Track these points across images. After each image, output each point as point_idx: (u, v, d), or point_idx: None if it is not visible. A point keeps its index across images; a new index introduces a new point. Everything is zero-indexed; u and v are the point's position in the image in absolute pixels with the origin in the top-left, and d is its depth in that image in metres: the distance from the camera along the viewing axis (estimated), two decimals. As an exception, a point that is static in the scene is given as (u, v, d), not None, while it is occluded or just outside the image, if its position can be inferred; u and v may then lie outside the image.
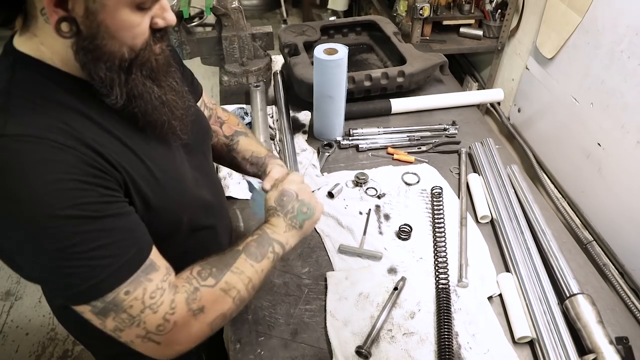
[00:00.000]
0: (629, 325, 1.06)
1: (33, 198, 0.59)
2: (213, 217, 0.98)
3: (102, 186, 0.65)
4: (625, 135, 1.46)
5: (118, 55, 0.66)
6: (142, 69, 0.70)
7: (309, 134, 1.57)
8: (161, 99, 0.74)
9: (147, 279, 0.68)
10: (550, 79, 1.82)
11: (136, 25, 0.65)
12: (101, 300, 0.65)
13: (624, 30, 1.44)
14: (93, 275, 0.63)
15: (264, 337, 1.02)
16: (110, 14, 0.62)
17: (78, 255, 0.62)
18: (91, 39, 0.63)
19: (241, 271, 0.79)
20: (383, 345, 1.00)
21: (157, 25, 0.69)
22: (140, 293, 0.67)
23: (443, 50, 2.09)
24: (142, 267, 0.68)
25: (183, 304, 0.71)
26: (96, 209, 0.64)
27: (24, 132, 0.60)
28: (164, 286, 0.70)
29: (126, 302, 0.66)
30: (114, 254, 0.65)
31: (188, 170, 0.87)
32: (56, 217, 0.60)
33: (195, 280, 0.74)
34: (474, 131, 1.61)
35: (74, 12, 0.60)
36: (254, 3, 4.62)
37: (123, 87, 0.68)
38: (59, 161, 0.61)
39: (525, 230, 1.20)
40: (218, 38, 1.73)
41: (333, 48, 1.36)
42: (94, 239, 0.63)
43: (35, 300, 2.30)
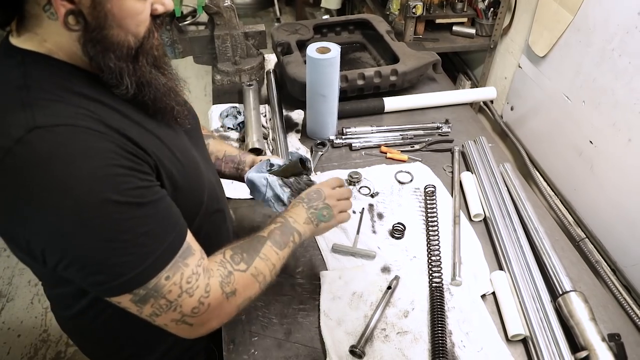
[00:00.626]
0: (621, 322, 1.07)
1: (80, 187, 0.59)
2: (219, 201, 0.99)
3: (139, 171, 0.66)
4: (616, 133, 1.47)
5: (125, 44, 0.67)
6: (147, 57, 0.72)
7: (302, 133, 1.57)
8: (167, 85, 0.77)
9: (184, 264, 0.70)
10: (543, 77, 1.83)
11: (140, 12, 0.67)
12: (144, 287, 0.66)
13: (614, 28, 1.45)
14: (140, 263, 0.65)
15: (257, 337, 1.02)
16: (117, 3, 0.63)
17: (126, 243, 0.63)
18: (99, 29, 0.64)
19: (267, 258, 0.83)
20: (377, 344, 1.00)
21: (157, 12, 0.70)
22: (179, 278, 0.69)
23: (436, 48, 2.09)
24: (180, 251, 0.70)
25: (217, 286, 0.74)
26: (138, 194, 0.64)
27: (56, 122, 0.61)
28: (199, 271, 0.72)
29: (166, 288, 0.68)
30: (157, 240, 0.67)
31: (195, 152, 0.89)
32: (103, 205, 0.60)
33: (229, 264, 0.78)
34: (467, 129, 1.61)
35: (81, 4, 0.61)
36: (247, 1, 4.61)
37: (132, 76, 0.70)
38: (97, 148, 0.62)
39: (518, 228, 1.21)
40: (210, 37, 1.72)
41: (326, 47, 1.36)
42: (139, 225, 0.64)
43: (27, 301, 2.28)
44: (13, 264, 2.44)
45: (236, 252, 0.81)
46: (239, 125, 1.57)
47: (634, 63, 1.38)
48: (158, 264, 0.67)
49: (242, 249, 0.82)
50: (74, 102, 0.64)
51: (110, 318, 0.88)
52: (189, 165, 0.81)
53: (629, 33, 1.40)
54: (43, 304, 2.27)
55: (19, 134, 0.59)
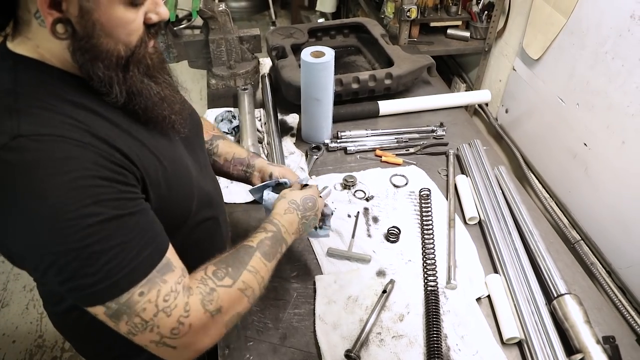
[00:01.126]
0: (616, 325, 1.07)
1: (56, 196, 0.59)
2: (215, 208, 0.98)
3: (122, 182, 0.65)
4: (610, 135, 1.48)
5: (115, 53, 0.66)
6: (138, 67, 0.71)
7: (297, 137, 1.57)
8: (160, 94, 0.75)
9: (162, 280, 0.67)
10: (537, 79, 1.84)
11: (131, 21, 0.66)
12: (115, 302, 0.63)
13: (607, 31, 1.45)
14: (110, 275, 0.62)
15: (253, 342, 1.02)
16: (105, 12, 0.62)
17: (97, 254, 0.61)
18: (87, 38, 0.63)
19: (257, 270, 0.78)
20: (372, 348, 0.99)
21: (151, 21, 0.69)
22: (154, 295, 0.65)
23: (431, 51, 2.10)
24: (158, 266, 0.67)
25: (198, 305, 0.69)
26: (116, 205, 0.63)
27: (40, 131, 0.60)
28: (177, 288, 0.68)
29: (139, 305, 0.64)
30: (131, 253, 0.64)
31: (190, 162, 0.88)
32: (78, 215, 0.60)
33: (211, 280, 0.73)
34: (462, 132, 1.61)
35: (69, 13, 0.61)
36: (242, 5, 4.61)
37: (122, 85, 0.69)
38: (79, 158, 0.61)
39: (513, 231, 1.21)
40: (205, 41, 1.72)
41: (320, 51, 1.36)
42: (113, 237, 0.63)
43: (22, 307, 2.27)
44: (8, 270, 2.43)
45: (220, 266, 0.75)
46: (234, 129, 1.56)
47: (627, 66, 1.39)
48: (131, 278, 0.64)
49: (226, 262, 0.77)
50: (62, 110, 0.64)
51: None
52: (177, 175, 0.80)
53: (621, 36, 1.40)
54: (38, 309, 2.26)
55: (3, 140, 0.59)
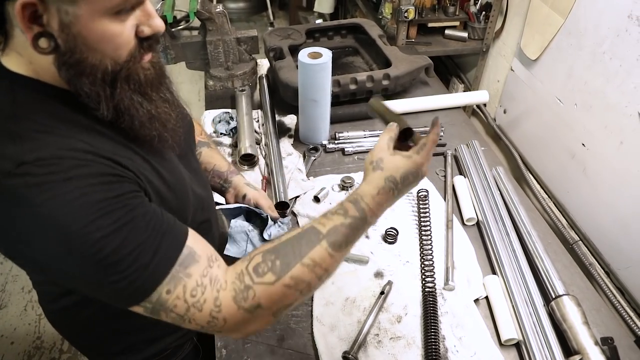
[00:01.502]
0: (614, 326, 1.07)
1: (67, 217, 0.59)
2: (207, 211, 0.98)
3: (126, 191, 0.65)
4: (608, 135, 1.48)
5: (101, 68, 0.63)
6: (128, 83, 0.66)
7: (295, 138, 1.57)
8: (150, 113, 0.70)
9: (185, 274, 0.65)
10: (535, 80, 1.84)
11: (117, 35, 0.61)
12: (148, 301, 0.64)
13: (605, 31, 1.45)
14: (135, 278, 0.63)
15: (250, 343, 1.01)
16: (86, 25, 0.58)
17: (117, 262, 0.62)
18: (70, 53, 0.60)
19: (316, 264, 0.69)
20: (370, 350, 0.99)
21: (143, 34, 0.65)
22: (181, 291, 0.65)
23: (428, 52, 2.10)
24: (179, 259, 0.66)
25: (230, 301, 0.67)
26: (125, 212, 0.63)
27: (43, 155, 0.60)
28: (204, 282, 0.66)
29: (170, 302, 0.64)
30: (149, 253, 0.64)
31: (183, 169, 0.87)
32: (90, 231, 0.60)
33: (249, 277, 0.68)
34: (460, 133, 1.61)
35: (50, 27, 0.58)
36: (240, 6, 4.61)
37: (109, 102, 0.66)
38: (84, 175, 0.61)
39: (511, 232, 1.21)
40: (203, 42, 1.71)
41: (317, 52, 1.36)
42: (128, 242, 0.62)
43: (20, 308, 2.27)
44: (6, 271, 2.43)
45: (266, 258, 0.69)
46: (232, 130, 1.56)
47: (625, 66, 1.39)
48: (155, 277, 0.64)
49: (277, 252, 0.69)
50: (62, 132, 0.63)
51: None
52: (176, 188, 0.79)
53: (619, 36, 1.41)
54: (36, 310, 2.26)
55: (8, 168, 0.58)
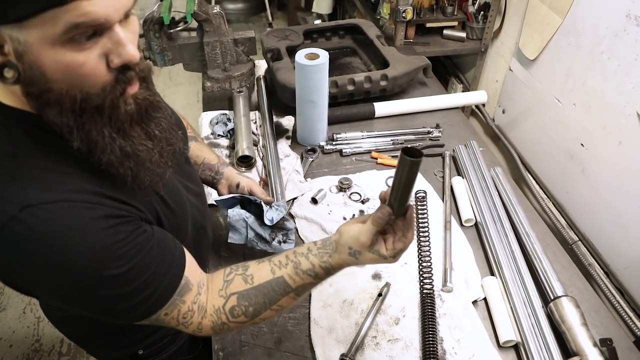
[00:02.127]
0: (613, 327, 1.06)
1: (79, 263, 0.61)
2: (203, 219, 0.98)
3: (132, 231, 0.67)
4: (607, 135, 1.47)
5: (68, 99, 0.58)
6: (102, 115, 0.61)
7: (293, 139, 1.56)
8: (124, 150, 0.64)
9: (181, 301, 0.73)
10: (534, 80, 1.83)
11: (79, 65, 0.55)
12: (148, 320, 0.72)
13: (603, 31, 1.45)
14: (139, 307, 0.69)
15: (247, 346, 1.01)
16: (40, 55, 0.53)
17: (125, 297, 0.67)
18: (30, 83, 0.56)
19: (282, 307, 0.79)
20: (368, 352, 0.99)
21: (113, 64, 0.58)
22: (176, 314, 0.73)
23: (427, 52, 2.09)
24: (177, 289, 0.72)
25: (209, 329, 0.78)
26: (133, 253, 0.66)
27: (49, 198, 0.59)
28: (193, 308, 0.75)
29: (165, 321, 0.74)
30: (155, 285, 0.69)
31: (179, 182, 0.87)
32: (103, 276, 0.63)
33: (225, 316, 0.77)
34: (458, 134, 1.61)
35: (10, 56, 0.54)
36: (239, 7, 4.60)
37: (80, 132, 0.61)
38: (92, 219, 0.62)
39: (509, 233, 1.20)
40: (200, 44, 1.71)
41: (314, 53, 1.35)
42: (136, 279, 0.67)
43: (19, 311, 2.26)
44: (5, 274, 2.42)
45: (241, 303, 0.77)
46: (229, 132, 1.56)
47: (623, 66, 1.39)
48: (156, 305, 0.71)
49: (249, 300, 0.77)
50: (63, 168, 0.62)
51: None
52: (176, 208, 0.81)
53: (617, 36, 1.40)
54: (35, 313, 2.25)
55: (12, 211, 0.57)
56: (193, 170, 1.01)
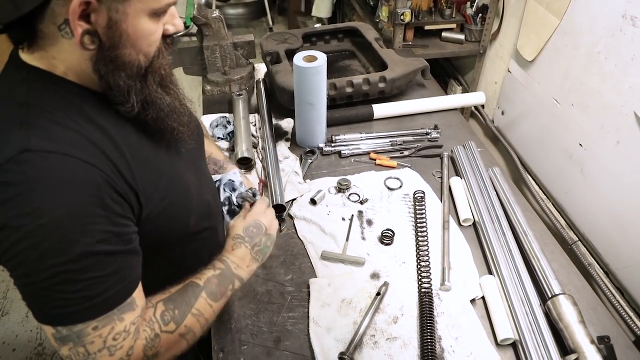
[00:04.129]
0: (611, 325, 1.07)
1: (48, 217, 0.60)
2: (213, 218, 0.99)
3: (117, 214, 0.66)
4: (605, 135, 1.48)
5: (135, 63, 0.68)
6: (154, 77, 0.73)
7: (292, 142, 1.58)
8: (170, 106, 0.77)
9: (119, 318, 0.68)
10: (532, 81, 1.84)
11: (153, 32, 0.68)
12: (67, 329, 0.64)
13: (600, 31, 1.46)
14: (72, 304, 0.63)
15: (247, 345, 1.02)
16: (132, 23, 0.64)
17: (67, 283, 0.62)
18: (112, 49, 0.65)
19: (200, 313, 0.78)
20: (366, 350, 0.99)
21: (168, 32, 0.72)
22: (107, 331, 0.67)
23: (425, 54, 2.10)
24: (121, 305, 0.68)
25: (140, 351, 0.71)
26: (101, 239, 0.64)
27: (49, 147, 0.61)
28: (130, 329, 0.69)
29: (89, 337, 0.65)
30: (98, 289, 0.65)
31: (191, 173, 0.89)
32: (63, 241, 0.61)
33: (157, 324, 0.74)
34: (457, 135, 1.62)
35: (97, 24, 0.62)
36: (239, 12, 4.64)
37: (139, 95, 0.71)
38: (82, 182, 0.62)
39: (507, 232, 1.21)
40: (199, 47, 1.73)
41: (312, 55, 1.37)
42: (87, 270, 0.63)
43: (22, 315, 2.27)
44: (8, 278, 2.42)
45: (168, 307, 0.76)
46: (229, 134, 1.57)
47: (620, 65, 1.39)
48: (90, 312, 0.65)
49: (174, 303, 0.77)
50: (72, 125, 0.65)
51: None
52: (176, 192, 0.81)
53: (614, 36, 1.41)
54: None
55: (11, 153, 0.59)
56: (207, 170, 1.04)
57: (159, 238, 0.80)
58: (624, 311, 1.37)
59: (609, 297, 1.41)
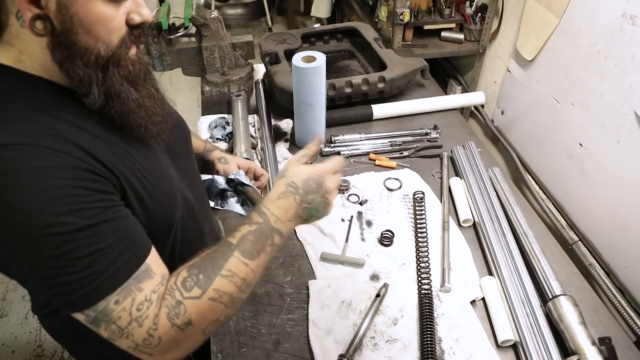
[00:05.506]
0: (612, 325, 1.06)
1: (30, 206, 0.59)
2: (200, 219, 0.97)
3: (99, 190, 0.65)
4: (605, 134, 1.47)
5: (94, 52, 0.66)
6: (119, 69, 0.70)
7: (291, 142, 1.57)
8: (138, 102, 0.74)
9: (137, 288, 0.66)
10: (532, 80, 1.84)
11: (110, 18, 0.65)
12: (93, 310, 0.64)
13: (600, 30, 1.45)
14: (86, 283, 0.62)
15: (246, 348, 1.01)
16: (83, 7, 0.62)
17: (73, 262, 0.61)
18: (66, 34, 0.63)
19: (234, 274, 0.72)
20: (366, 352, 0.99)
21: (134, 21, 0.69)
22: (129, 303, 0.65)
23: (425, 54, 2.10)
24: (135, 273, 0.67)
25: (165, 319, 0.67)
26: (92, 214, 0.63)
27: (16, 140, 0.60)
28: (152, 297, 0.67)
29: (115, 313, 0.64)
30: (107, 261, 0.64)
31: (174, 172, 0.87)
32: (52, 225, 0.60)
33: (178, 292, 0.69)
34: (456, 135, 1.61)
35: (48, 9, 0.61)
36: (238, 12, 4.63)
37: (101, 86, 0.68)
38: (55, 167, 0.61)
39: (507, 233, 1.20)
40: (198, 48, 1.72)
41: (311, 56, 1.36)
42: (88, 245, 0.62)
43: (21, 317, 2.27)
44: (7, 280, 2.43)
45: (191, 273, 0.71)
46: (228, 135, 1.57)
47: (620, 65, 1.39)
48: (106, 287, 0.64)
49: (199, 268, 0.72)
50: (40, 120, 0.64)
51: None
52: (159, 186, 0.78)
53: (614, 35, 1.40)
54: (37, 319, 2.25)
55: None
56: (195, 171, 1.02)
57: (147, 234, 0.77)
58: (625, 311, 1.36)
59: (610, 297, 1.41)
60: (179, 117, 0.96)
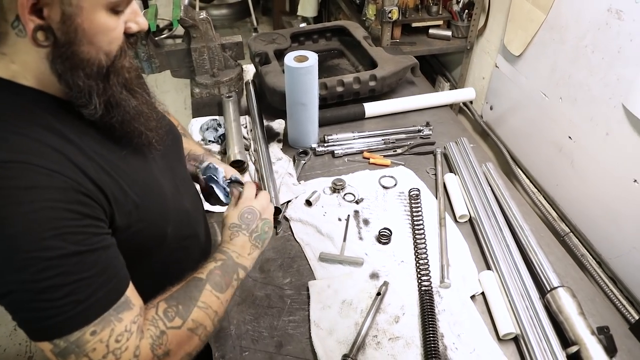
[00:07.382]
0: (609, 315, 1.08)
1: (16, 227, 0.57)
2: (194, 225, 0.97)
3: (87, 215, 0.63)
4: (594, 127, 1.49)
5: (95, 62, 0.65)
6: (118, 77, 0.69)
7: (284, 143, 1.56)
8: (137, 109, 0.74)
9: (117, 319, 0.65)
10: (520, 75, 1.85)
11: (112, 29, 0.65)
12: (65, 339, 0.61)
13: (586, 25, 1.47)
14: (64, 311, 0.60)
15: (248, 351, 1.00)
16: (87, 18, 0.61)
17: (52, 289, 0.59)
18: (68, 45, 0.62)
19: (207, 306, 0.76)
20: (369, 351, 0.99)
21: (131, 30, 0.69)
22: (107, 334, 0.63)
23: (413, 52, 2.11)
24: (115, 304, 0.65)
25: (148, 350, 0.67)
26: (78, 240, 0.61)
27: (7, 157, 0.58)
28: (132, 329, 0.66)
29: (89, 345, 0.62)
30: (87, 291, 0.62)
31: (167, 180, 0.86)
32: (37, 248, 0.58)
33: (162, 322, 0.70)
34: (448, 131, 1.62)
35: (50, 19, 0.59)
36: (223, 13, 4.60)
37: (101, 96, 0.68)
38: (45, 187, 0.59)
39: (503, 227, 1.21)
40: (187, 50, 1.70)
41: (303, 55, 1.36)
42: (70, 273, 0.60)
43: (10, 328, 2.22)
44: (-5, 290, 2.38)
45: (170, 304, 0.72)
46: (220, 137, 1.55)
47: (607, 58, 1.41)
48: (85, 316, 0.62)
49: (177, 299, 0.74)
50: (31, 135, 0.62)
51: None
52: (149, 198, 0.77)
53: (600, 29, 1.42)
54: (28, 329, 2.21)
55: None
56: (187, 176, 1.01)
57: (135, 246, 0.76)
58: (618, 300, 1.38)
59: (603, 287, 1.43)
60: (170, 122, 0.95)
